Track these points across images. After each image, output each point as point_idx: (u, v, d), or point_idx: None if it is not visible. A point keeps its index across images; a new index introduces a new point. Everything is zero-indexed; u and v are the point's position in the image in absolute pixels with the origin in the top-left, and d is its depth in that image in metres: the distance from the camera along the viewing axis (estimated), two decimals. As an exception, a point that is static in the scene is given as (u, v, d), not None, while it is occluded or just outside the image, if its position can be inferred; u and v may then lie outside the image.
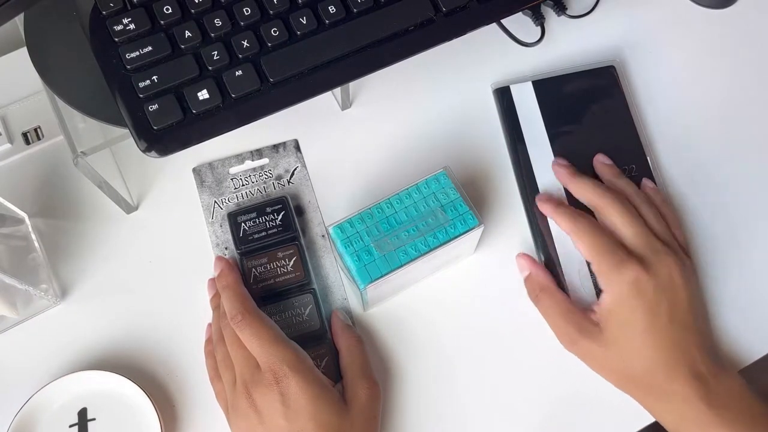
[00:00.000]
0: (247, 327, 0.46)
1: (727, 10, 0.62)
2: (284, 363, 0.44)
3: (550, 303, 0.50)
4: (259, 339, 0.45)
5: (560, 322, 0.49)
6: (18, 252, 0.52)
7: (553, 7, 0.60)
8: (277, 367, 0.44)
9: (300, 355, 0.46)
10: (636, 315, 0.47)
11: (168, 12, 0.46)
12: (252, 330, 0.46)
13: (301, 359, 0.45)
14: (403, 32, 0.48)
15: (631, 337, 0.47)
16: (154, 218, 0.55)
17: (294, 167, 0.57)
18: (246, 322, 0.46)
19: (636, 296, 0.47)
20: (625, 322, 0.47)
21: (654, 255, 0.48)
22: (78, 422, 0.49)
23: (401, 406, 0.50)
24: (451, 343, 0.52)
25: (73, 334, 0.52)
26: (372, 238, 0.47)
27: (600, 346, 0.47)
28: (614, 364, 0.48)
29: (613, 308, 0.47)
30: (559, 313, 0.49)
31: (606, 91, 0.58)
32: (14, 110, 0.58)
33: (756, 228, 0.55)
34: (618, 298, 0.47)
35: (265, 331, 0.46)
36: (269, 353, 0.45)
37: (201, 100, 0.45)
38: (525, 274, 0.52)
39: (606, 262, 0.48)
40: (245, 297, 0.48)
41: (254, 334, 0.46)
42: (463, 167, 0.56)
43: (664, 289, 0.47)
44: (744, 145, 0.57)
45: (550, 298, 0.50)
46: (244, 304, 0.47)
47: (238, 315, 0.46)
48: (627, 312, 0.47)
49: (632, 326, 0.47)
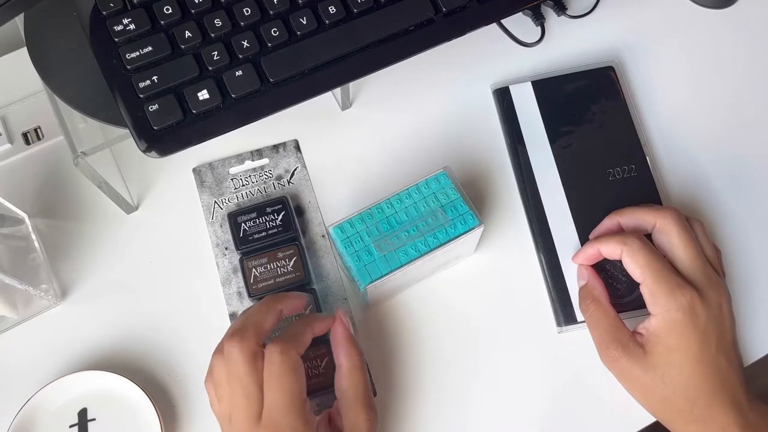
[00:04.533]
0: (283, 364, 0.41)
1: (727, 10, 0.62)
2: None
3: (599, 316, 0.49)
4: (282, 387, 0.41)
5: (605, 337, 0.48)
6: (18, 252, 0.52)
7: (553, 7, 0.60)
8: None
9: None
10: (686, 342, 0.45)
11: (168, 12, 0.46)
12: (283, 369, 0.41)
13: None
14: (403, 32, 0.48)
15: (677, 364, 0.45)
16: (154, 218, 0.55)
17: (294, 167, 0.57)
18: (285, 358, 0.41)
19: (689, 324, 0.45)
20: (674, 349, 0.46)
21: (707, 282, 0.46)
22: (78, 422, 0.49)
23: (401, 406, 0.50)
24: (451, 342, 0.52)
25: (73, 334, 0.52)
26: (372, 238, 0.47)
27: (641, 368, 0.46)
28: (653, 387, 0.46)
29: (662, 333, 0.46)
30: (606, 327, 0.48)
31: (606, 92, 0.58)
32: (14, 110, 0.58)
33: (756, 228, 0.55)
34: (669, 324, 0.46)
35: (294, 383, 0.42)
36: (282, 413, 0.41)
37: (201, 100, 0.45)
38: (581, 283, 0.51)
39: (662, 286, 0.46)
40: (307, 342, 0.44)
41: (283, 376, 0.41)
42: (463, 167, 0.56)
43: (715, 318, 0.46)
44: (744, 145, 0.57)
45: (600, 311, 0.49)
46: (301, 345, 0.43)
47: (289, 345, 0.42)
48: (676, 338, 0.46)
49: (680, 353, 0.46)
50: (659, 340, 0.46)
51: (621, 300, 0.51)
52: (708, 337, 0.46)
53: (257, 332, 0.43)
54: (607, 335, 0.48)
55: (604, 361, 0.48)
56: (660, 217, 0.49)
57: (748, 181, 0.56)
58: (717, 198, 0.56)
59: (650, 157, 0.56)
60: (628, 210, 0.51)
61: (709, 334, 0.46)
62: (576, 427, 0.50)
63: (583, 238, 0.53)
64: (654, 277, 0.46)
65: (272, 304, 0.46)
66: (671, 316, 0.46)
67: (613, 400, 0.49)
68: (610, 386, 0.49)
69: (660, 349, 0.46)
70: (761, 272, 0.54)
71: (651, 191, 0.55)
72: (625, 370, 0.47)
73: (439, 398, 0.50)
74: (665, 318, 0.46)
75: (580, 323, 0.51)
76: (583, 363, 0.51)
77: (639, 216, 0.50)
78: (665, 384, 0.46)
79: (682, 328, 0.45)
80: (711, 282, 0.47)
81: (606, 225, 0.52)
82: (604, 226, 0.52)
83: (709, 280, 0.47)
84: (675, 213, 0.49)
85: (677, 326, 0.45)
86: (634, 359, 0.47)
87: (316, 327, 0.46)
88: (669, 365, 0.46)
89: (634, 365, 0.47)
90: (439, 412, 0.50)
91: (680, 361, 0.45)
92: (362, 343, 0.51)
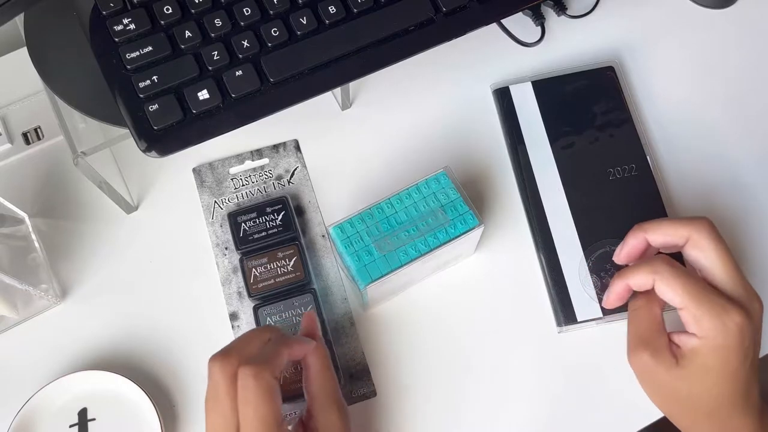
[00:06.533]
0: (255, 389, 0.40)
1: (727, 10, 0.62)
2: None
3: (643, 314, 0.46)
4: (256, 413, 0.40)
5: (641, 336, 0.45)
6: (18, 252, 0.52)
7: (553, 7, 0.61)
8: None
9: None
10: (727, 364, 0.43)
11: (168, 12, 0.46)
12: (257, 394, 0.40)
13: None
14: (403, 32, 0.48)
15: (710, 380, 0.44)
16: (154, 218, 0.55)
17: (294, 167, 0.57)
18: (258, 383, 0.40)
19: (736, 347, 0.43)
20: (710, 368, 0.43)
21: (749, 297, 0.44)
22: (78, 422, 0.49)
23: (401, 406, 0.50)
24: (451, 342, 0.52)
25: (73, 334, 0.52)
26: (372, 238, 0.47)
27: (669, 376, 0.44)
28: (676, 394, 0.45)
29: (703, 354, 0.43)
30: (645, 327, 0.46)
31: (606, 92, 0.58)
32: (14, 110, 0.58)
33: (755, 228, 0.55)
34: (714, 348, 0.43)
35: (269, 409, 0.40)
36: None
37: (201, 100, 0.45)
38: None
39: (708, 311, 0.43)
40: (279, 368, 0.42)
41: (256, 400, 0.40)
42: (463, 167, 0.56)
43: (756, 334, 0.44)
44: (744, 145, 0.57)
45: (647, 310, 0.46)
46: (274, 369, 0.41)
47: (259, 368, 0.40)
48: (718, 361, 0.43)
49: (717, 373, 0.43)
50: (697, 358, 0.44)
51: None
52: (747, 356, 0.44)
53: (241, 354, 0.42)
54: (644, 335, 0.46)
55: (631, 359, 0.46)
56: (693, 231, 0.45)
57: (749, 180, 0.56)
58: (718, 197, 0.56)
59: (650, 157, 0.56)
60: (654, 224, 0.47)
61: (749, 353, 0.44)
62: (576, 426, 0.50)
63: (583, 238, 0.53)
64: (697, 302, 0.43)
65: (273, 335, 0.44)
66: (718, 342, 0.43)
67: (613, 400, 0.49)
68: (610, 386, 0.49)
69: (696, 367, 0.44)
70: (762, 271, 0.54)
71: (652, 191, 0.55)
72: (651, 374, 0.45)
73: (438, 398, 0.50)
74: (712, 342, 0.43)
75: (580, 323, 0.51)
76: (583, 363, 0.51)
77: (668, 231, 0.46)
78: (690, 392, 0.44)
79: (727, 352, 0.43)
80: (751, 296, 0.44)
81: (631, 244, 0.47)
82: (630, 246, 0.47)
83: (750, 295, 0.44)
84: (708, 225, 0.45)
85: (722, 351, 0.43)
86: (664, 367, 0.44)
87: (294, 350, 0.44)
88: (700, 380, 0.44)
89: (662, 371, 0.44)
90: (439, 411, 0.50)
91: (715, 379, 0.44)
92: (362, 343, 0.51)
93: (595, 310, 0.51)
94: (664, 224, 0.46)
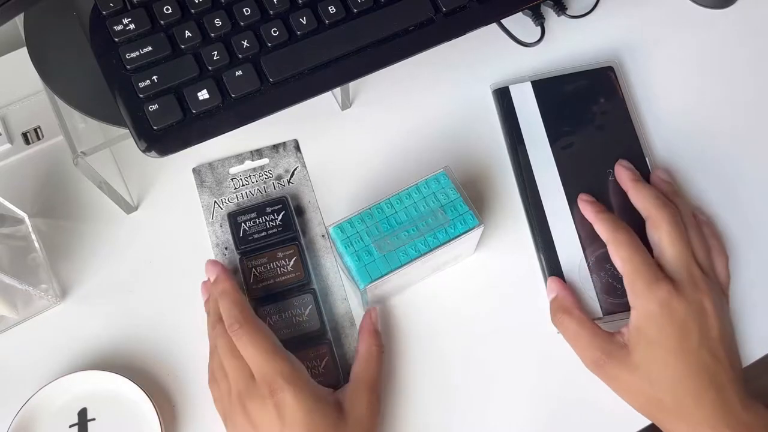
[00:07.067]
0: (245, 335, 0.45)
1: (727, 10, 0.62)
2: (280, 375, 0.44)
3: (573, 326, 0.49)
4: (256, 349, 0.45)
5: (585, 345, 0.48)
6: (18, 252, 0.52)
7: (553, 7, 0.60)
8: (272, 379, 0.44)
9: (296, 367, 0.45)
10: (665, 335, 0.46)
11: (168, 12, 0.46)
12: (249, 339, 0.45)
13: (297, 371, 0.45)
14: (403, 32, 0.48)
15: (659, 358, 0.46)
16: (154, 218, 0.55)
17: (294, 167, 0.57)
18: (243, 330, 0.45)
19: (666, 315, 0.46)
20: (654, 342, 0.46)
21: (689, 280, 0.47)
22: (78, 422, 0.49)
23: (401, 406, 0.50)
24: (450, 343, 0.52)
25: (73, 334, 0.52)
26: (372, 238, 0.47)
27: (627, 369, 0.47)
28: (641, 387, 0.46)
29: (642, 326, 0.47)
30: (584, 336, 0.48)
31: (605, 92, 0.58)
32: (14, 110, 0.58)
33: (755, 228, 0.55)
34: (647, 316, 0.46)
35: (262, 341, 0.45)
36: (265, 364, 0.44)
37: (201, 100, 0.45)
38: (551, 297, 0.51)
39: (640, 278, 0.47)
40: (243, 304, 0.47)
41: (251, 343, 0.45)
42: (463, 167, 0.56)
43: (694, 313, 0.46)
44: (744, 145, 0.57)
45: (574, 320, 0.49)
46: (243, 312, 0.46)
47: (236, 323, 0.46)
48: (655, 331, 0.46)
49: (661, 346, 0.46)
50: (640, 333, 0.47)
51: (621, 300, 0.51)
52: (687, 331, 0.46)
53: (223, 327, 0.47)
54: (587, 343, 0.48)
55: (590, 369, 0.48)
56: (656, 212, 0.50)
57: (749, 180, 0.56)
58: (717, 197, 0.56)
59: (650, 157, 0.56)
60: (642, 189, 0.51)
61: (689, 329, 0.46)
62: (576, 426, 0.50)
63: (583, 238, 0.53)
64: (634, 269, 0.47)
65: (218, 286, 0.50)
66: (649, 308, 0.46)
67: (613, 400, 0.49)
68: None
69: (641, 344, 0.46)
70: (761, 271, 0.54)
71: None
72: (612, 374, 0.47)
73: (438, 398, 0.50)
74: (643, 310, 0.47)
75: (580, 323, 0.51)
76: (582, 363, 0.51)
77: (642, 202, 0.51)
78: (652, 383, 0.46)
79: (660, 320, 0.46)
80: (692, 279, 0.47)
81: (624, 176, 0.53)
82: (625, 176, 0.53)
83: (691, 277, 0.47)
84: (670, 210, 0.49)
85: (655, 318, 0.46)
86: (618, 361, 0.47)
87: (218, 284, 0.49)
88: (652, 361, 0.46)
89: (619, 367, 0.47)
90: (439, 411, 0.50)
91: (661, 355, 0.46)
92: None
93: (594, 310, 0.51)
94: (645, 196, 0.51)
